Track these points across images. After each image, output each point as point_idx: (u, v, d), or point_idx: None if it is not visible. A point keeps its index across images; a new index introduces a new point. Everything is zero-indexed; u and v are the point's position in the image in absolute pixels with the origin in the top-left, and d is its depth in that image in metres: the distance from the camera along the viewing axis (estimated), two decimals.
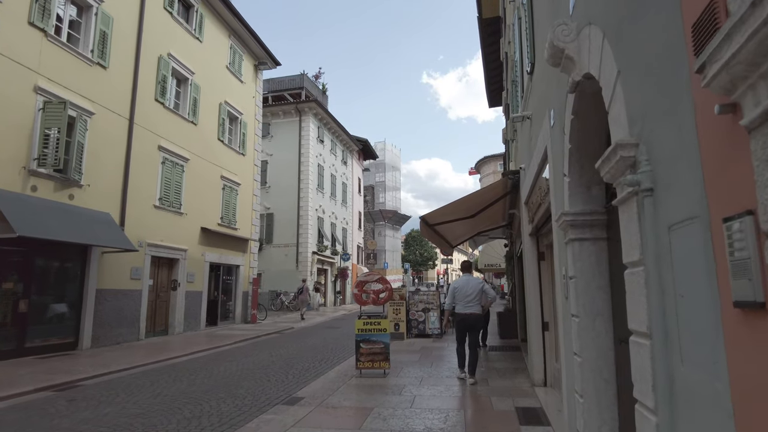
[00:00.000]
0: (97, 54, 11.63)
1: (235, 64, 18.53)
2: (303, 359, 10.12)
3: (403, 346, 11.65)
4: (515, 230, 11.46)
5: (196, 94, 15.85)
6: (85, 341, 11.04)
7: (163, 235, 14.01)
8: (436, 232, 9.81)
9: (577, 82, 2.97)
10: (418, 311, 13.66)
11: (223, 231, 17.05)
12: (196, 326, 15.51)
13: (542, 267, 7.12)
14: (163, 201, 14.00)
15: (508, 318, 13.26)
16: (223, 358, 10.27)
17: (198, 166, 15.79)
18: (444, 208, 8.41)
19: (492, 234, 16.35)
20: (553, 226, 4.44)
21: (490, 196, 8.61)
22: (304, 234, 26.63)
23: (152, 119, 13.69)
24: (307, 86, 31.97)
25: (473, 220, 10.22)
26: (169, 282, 14.60)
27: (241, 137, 18.72)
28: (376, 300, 8.29)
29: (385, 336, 8.12)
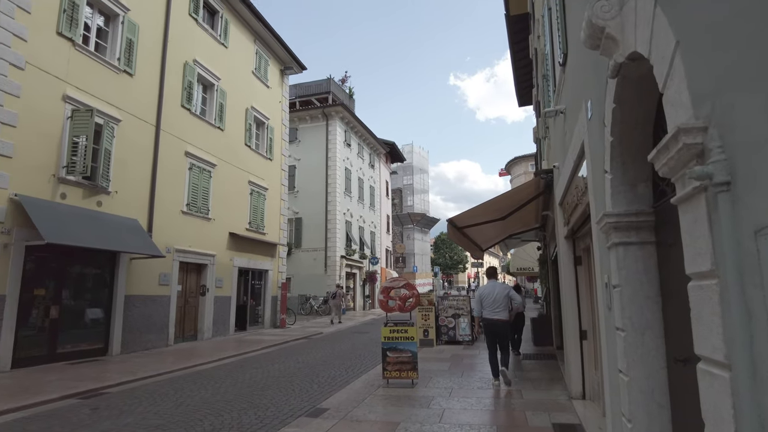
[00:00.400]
0: (123, 62, 11.75)
1: (260, 69, 18.58)
2: (330, 367, 9.88)
3: (432, 354, 11.28)
4: (549, 233, 10.95)
5: (222, 99, 15.91)
6: (115, 347, 11.11)
7: (191, 241, 14.06)
8: (464, 235, 9.42)
9: (620, 64, 2.59)
10: (448, 317, 13.25)
11: (251, 236, 17.05)
12: (225, 331, 15.52)
13: (579, 272, 6.66)
14: (190, 207, 14.06)
15: (542, 324, 12.71)
16: (249, 365, 10.14)
17: (225, 172, 15.83)
18: (473, 210, 8.03)
19: (524, 237, 15.80)
20: (593, 229, 4.04)
21: (522, 197, 8.18)
22: (332, 238, 26.54)
23: (179, 125, 13.78)
24: (333, 90, 32.01)
25: (504, 223, 9.78)
26: (197, 287, 14.65)
27: (267, 142, 18.74)
28: (402, 307, 7.97)
29: (413, 344, 7.78)
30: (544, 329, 12.54)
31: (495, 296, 7.55)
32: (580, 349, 6.65)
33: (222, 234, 15.53)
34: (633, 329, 3.13)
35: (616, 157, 3.17)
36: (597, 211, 3.72)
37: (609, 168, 3.24)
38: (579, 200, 5.15)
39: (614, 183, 3.22)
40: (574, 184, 5.45)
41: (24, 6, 9.51)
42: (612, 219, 3.20)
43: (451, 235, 8.41)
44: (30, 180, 9.36)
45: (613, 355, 3.66)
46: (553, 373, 8.59)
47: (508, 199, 8.07)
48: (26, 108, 9.37)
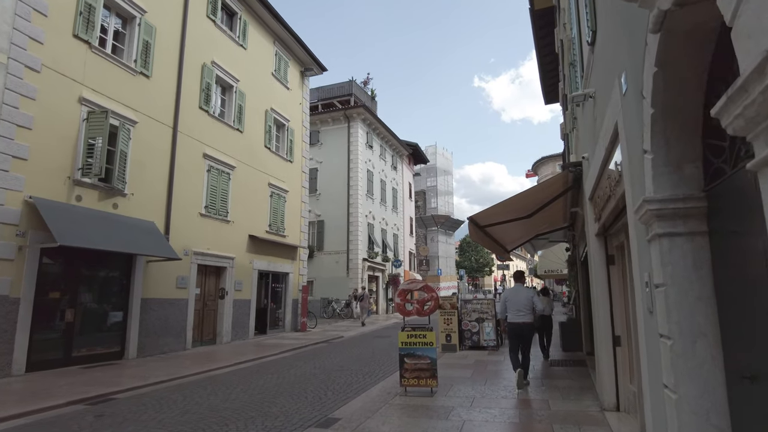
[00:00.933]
0: (140, 64, 11.69)
1: (280, 71, 18.43)
2: (346, 372, 9.50)
3: (454, 360, 10.77)
4: (578, 232, 10.34)
5: (241, 101, 15.79)
6: (131, 351, 10.98)
7: (210, 243, 13.92)
8: (487, 235, 8.92)
9: (665, 12, 2.12)
10: (472, 321, 12.72)
11: (272, 238, 16.86)
12: (244, 335, 15.33)
13: (612, 272, 6.10)
14: (209, 209, 13.92)
15: (571, 328, 12.05)
16: (264, 370, 9.84)
17: (245, 174, 15.69)
18: (495, 208, 7.53)
19: (552, 237, 15.14)
20: (630, 220, 3.53)
21: (549, 193, 7.65)
22: (354, 240, 26.23)
23: (197, 127, 13.67)
24: (355, 92, 31.81)
25: (530, 221, 9.23)
26: (216, 290, 14.50)
27: (288, 144, 18.57)
28: (420, 311, 7.52)
29: (432, 350, 7.33)
30: (573, 334, 11.89)
31: (519, 300, 7.67)
32: (613, 357, 6.08)
33: (241, 236, 15.36)
34: (681, 337, 2.63)
35: (658, 133, 2.69)
36: (634, 199, 3.23)
37: (650, 146, 2.75)
38: (611, 192, 4.64)
39: (656, 164, 2.74)
40: (605, 175, 4.94)
41: (41, 9, 9.49)
42: (654, 206, 2.72)
43: (473, 235, 7.94)
44: (45, 182, 9.30)
45: (656, 366, 3.15)
46: (583, 382, 8.00)
47: (534, 196, 7.55)
48: (42, 110, 9.33)
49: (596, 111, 5.14)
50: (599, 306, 6.23)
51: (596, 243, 6.26)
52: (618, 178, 4.10)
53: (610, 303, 6.08)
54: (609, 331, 6.04)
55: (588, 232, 6.68)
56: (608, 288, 6.10)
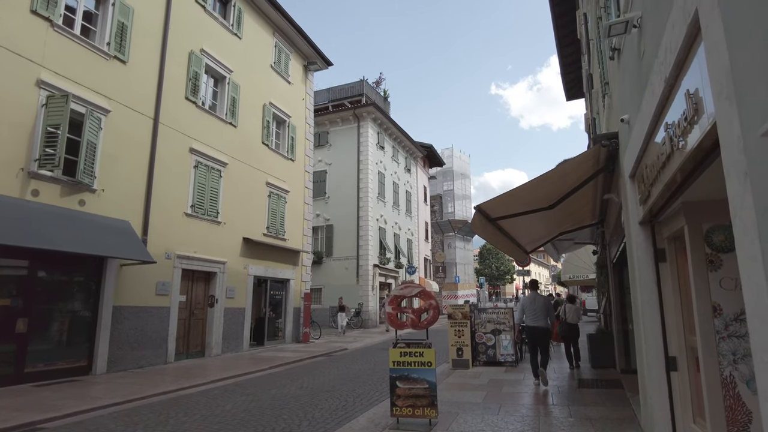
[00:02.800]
0: (114, 47, 10.59)
1: (280, 64, 17.28)
2: (335, 394, 8.08)
3: (465, 378, 9.26)
4: (610, 228, 8.76)
5: (234, 93, 14.64)
6: (100, 365, 9.76)
7: (197, 246, 12.71)
8: (500, 230, 7.42)
9: None
10: (487, 333, 11.16)
11: (270, 242, 15.60)
12: (237, 347, 14.04)
13: (662, 272, 4.57)
14: (196, 208, 12.73)
15: (602, 342, 10.40)
16: (242, 390, 8.49)
17: (238, 171, 14.49)
18: (509, 195, 6.06)
19: (578, 238, 13.52)
20: (731, 160, 2.04)
21: (576, 177, 6.15)
22: (365, 245, 24.85)
23: (183, 119, 12.54)
24: (367, 92, 30.62)
25: (552, 215, 7.72)
26: (205, 298, 13.27)
27: (289, 141, 17.36)
28: (416, 322, 6.08)
29: (431, 372, 5.87)
30: (604, 349, 10.24)
31: (536, 306, 8.43)
32: (667, 385, 4.53)
33: (234, 239, 14.13)
34: None
35: None
36: (743, 123, 1.77)
37: None
38: (668, 160, 3.16)
39: None
40: (659, 132, 3.46)
41: None
42: None
43: (479, 230, 6.46)
44: None
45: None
46: (621, 411, 6.42)
47: (558, 181, 6.05)
48: None
49: (644, 42, 3.67)
50: (645, 317, 4.69)
51: (640, 234, 4.74)
52: (688, 125, 2.63)
53: (660, 313, 4.54)
54: (660, 350, 4.50)
55: (628, 221, 5.15)
56: (658, 292, 4.57)
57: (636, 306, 5.17)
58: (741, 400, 3.48)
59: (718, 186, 3.48)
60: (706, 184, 3.28)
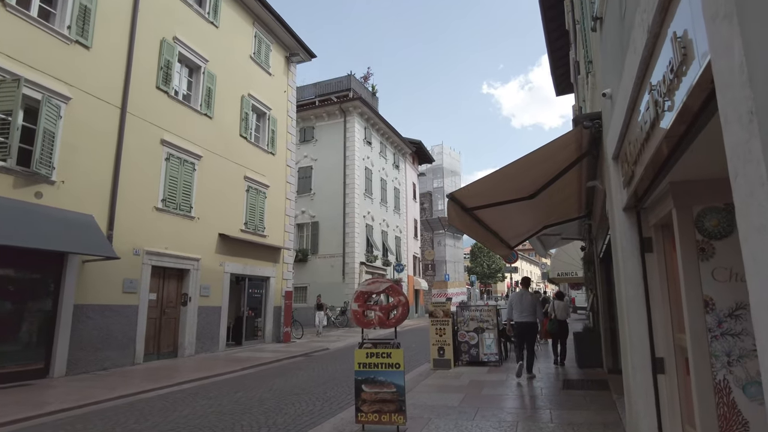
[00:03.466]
0: (75, 31, 10.00)
1: (261, 55, 16.72)
2: (305, 397, 7.58)
3: (445, 379, 8.80)
4: (596, 220, 8.34)
5: (210, 84, 14.07)
6: (58, 367, 9.20)
7: (169, 242, 12.14)
8: (479, 222, 6.95)
9: None
10: (470, 332, 10.72)
11: (248, 238, 15.05)
12: (213, 347, 13.49)
13: (649, 263, 4.11)
14: (167, 203, 12.16)
15: (589, 340, 9.98)
16: (205, 393, 7.97)
17: (214, 165, 13.93)
18: (485, 181, 5.58)
19: (565, 233, 13.11)
20: (729, 112, 1.57)
21: (557, 163, 5.69)
22: (351, 243, 24.34)
23: (153, 109, 11.96)
24: (354, 87, 30.07)
25: (535, 205, 7.26)
26: (178, 296, 12.71)
27: (269, 134, 16.80)
28: (383, 320, 5.59)
29: (399, 375, 5.39)
30: (591, 347, 9.83)
31: (524, 303, 8.71)
32: (653, 388, 4.08)
33: (209, 235, 13.58)
34: None
35: None
36: (748, 46, 1.30)
37: None
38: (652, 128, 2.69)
39: None
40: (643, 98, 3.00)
41: None
42: None
43: (455, 220, 5.99)
44: None
45: None
46: (606, 414, 5.99)
47: (538, 166, 5.58)
48: None
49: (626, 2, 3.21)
50: (629, 313, 4.23)
51: (625, 221, 4.28)
52: (675, 77, 2.16)
53: (647, 309, 4.09)
54: (647, 350, 4.04)
55: (612, 209, 4.70)
56: (644, 287, 4.12)
57: (620, 302, 4.71)
58: (736, 408, 3.03)
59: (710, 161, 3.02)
60: (697, 160, 2.83)
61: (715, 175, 3.28)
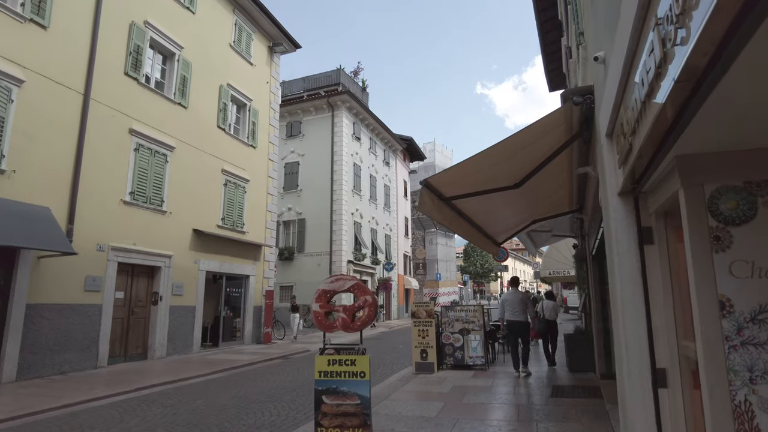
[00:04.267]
0: (30, 9, 9.28)
1: (241, 44, 16.02)
2: (271, 405, 6.93)
3: (427, 385, 8.18)
4: (588, 215, 7.74)
5: (185, 72, 13.36)
6: (7, 372, 8.48)
7: (137, 237, 11.44)
8: (460, 215, 6.31)
9: None
10: (454, 333, 10.09)
11: (225, 234, 14.35)
12: (186, 348, 12.79)
13: (649, 257, 3.49)
14: (136, 196, 11.45)
15: (580, 343, 9.39)
16: (165, 400, 7.30)
17: (189, 157, 13.23)
18: (465, 166, 4.93)
19: (557, 230, 12.52)
20: None
21: (545, 147, 5.06)
22: (338, 240, 23.67)
23: (121, 97, 11.25)
24: (344, 82, 29.38)
25: (522, 198, 6.65)
26: (148, 295, 12.00)
27: (250, 126, 16.10)
28: (348, 323, 4.95)
29: (364, 385, 4.76)
30: (582, 350, 9.24)
31: (515, 302, 8.94)
32: (654, 405, 3.46)
33: (183, 231, 12.87)
34: None
35: None
36: None
37: None
38: (657, 78, 2.05)
39: None
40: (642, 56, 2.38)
41: None
42: None
43: (432, 212, 5.33)
44: None
45: None
46: (597, 427, 5.38)
47: (523, 151, 4.95)
48: None
49: None
50: (625, 316, 3.60)
51: (620, 208, 3.66)
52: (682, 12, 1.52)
53: (646, 311, 3.46)
54: (646, 360, 3.42)
55: (606, 195, 4.07)
56: (643, 285, 3.50)
57: (615, 302, 4.08)
58: None
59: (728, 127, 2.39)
60: (710, 126, 2.23)
61: (734, 146, 2.66)
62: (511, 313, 8.89)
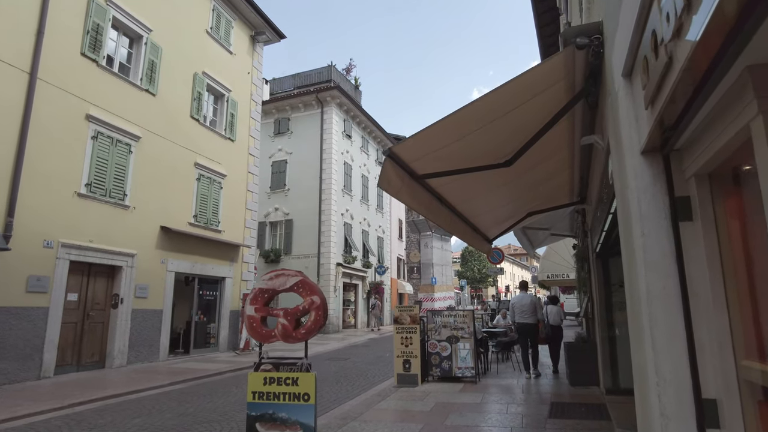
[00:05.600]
0: None
1: (219, 30, 15.03)
2: (219, 426, 5.87)
3: (407, 401, 7.12)
4: (592, 204, 6.70)
5: (154, 57, 12.35)
6: None
7: (95, 234, 10.39)
8: (439, 200, 5.25)
9: None
10: (441, 341, 9.04)
11: (198, 233, 13.30)
12: (152, 356, 11.70)
13: (686, 239, 2.44)
14: (93, 188, 10.41)
15: (582, 353, 8.32)
16: (95, 419, 6.24)
17: (157, 148, 12.20)
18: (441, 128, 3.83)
19: (555, 228, 11.50)
20: None
21: (540, 111, 4.03)
22: (327, 242, 22.61)
23: (77, 79, 10.24)
24: (335, 78, 28.42)
25: (515, 182, 5.62)
26: (107, 297, 10.93)
27: (228, 118, 15.09)
28: (289, 331, 3.90)
29: (307, 411, 3.71)
30: (584, 362, 8.17)
31: (524, 304, 9.08)
32: None
33: (148, 228, 11.82)
34: None
35: None
36: None
37: None
38: None
39: None
40: None
41: None
42: None
43: (402, 193, 4.26)
44: None
45: None
46: None
47: (512, 111, 3.91)
48: None
49: None
50: (655, 322, 2.54)
51: (645, 172, 2.60)
52: None
53: (685, 317, 2.41)
54: (686, 388, 2.36)
55: (623, 157, 3.00)
56: (679, 279, 2.44)
57: (636, 304, 3.01)
58: None
59: None
60: None
61: None
62: (521, 316, 9.03)
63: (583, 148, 5.16)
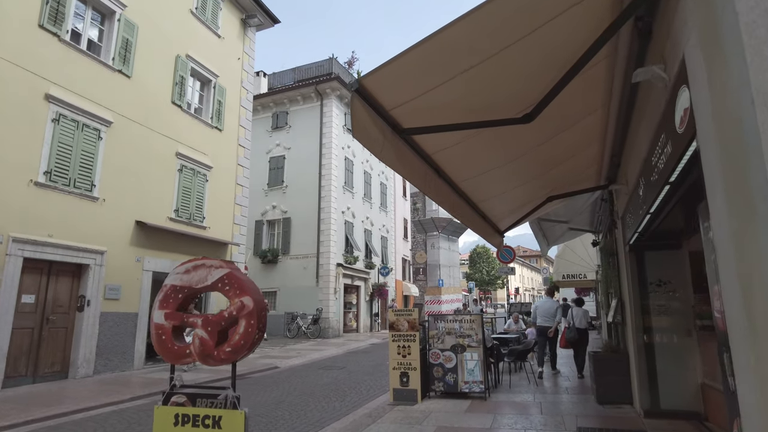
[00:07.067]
0: None
1: (206, 11, 13.91)
2: None
3: (402, 424, 5.88)
4: (627, 181, 5.40)
5: (129, 35, 11.23)
6: None
7: (56, 228, 9.26)
8: (435, 171, 4.01)
9: None
10: (445, 351, 7.76)
11: (179, 229, 12.15)
12: (125, 364, 10.54)
13: None
14: (54, 176, 9.29)
15: (611, 366, 7.00)
16: None
17: (132, 134, 11.07)
18: (422, 53, 2.61)
19: (574, 222, 10.22)
20: None
21: (569, 40, 2.80)
22: (327, 242, 21.39)
23: (34, 56, 9.13)
24: (336, 71, 27.20)
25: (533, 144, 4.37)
26: (71, 299, 9.79)
27: (215, 105, 13.94)
28: (210, 348, 2.67)
29: None
30: (615, 375, 6.86)
31: (546, 309, 9.66)
32: None
33: (121, 222, 10.68)
34: None
35: None
36: None
37: None
38: None
39: None
40: None
41: None
42: None
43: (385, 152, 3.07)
44: None
45: None
46: None
47: (528, 30, 2.68)
48: None
49: None
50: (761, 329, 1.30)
51: None
52: None
53: None
54: None
55: (711, 55, 1.76)
56: None
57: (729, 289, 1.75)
58: None
59: None
60: None
61: None
62: (543, 319, 9.50)
63: (624, 103, 3.89)
